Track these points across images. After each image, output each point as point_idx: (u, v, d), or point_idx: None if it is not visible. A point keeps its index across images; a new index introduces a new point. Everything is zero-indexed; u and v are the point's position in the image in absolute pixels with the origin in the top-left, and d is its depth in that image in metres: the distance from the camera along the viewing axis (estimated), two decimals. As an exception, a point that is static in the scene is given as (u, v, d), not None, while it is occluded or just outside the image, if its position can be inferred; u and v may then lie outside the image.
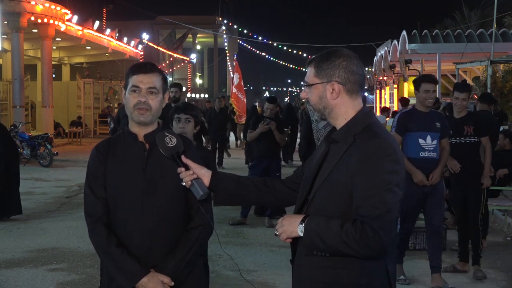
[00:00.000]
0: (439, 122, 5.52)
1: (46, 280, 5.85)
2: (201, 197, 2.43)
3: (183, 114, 4.14)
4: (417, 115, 5.52)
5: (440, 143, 5.52)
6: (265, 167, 8.45)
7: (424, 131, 5.44)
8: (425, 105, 5.49)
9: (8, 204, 8.60)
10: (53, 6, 20.66)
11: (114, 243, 2.61)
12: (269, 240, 7.48)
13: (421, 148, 5.44)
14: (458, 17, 31.55)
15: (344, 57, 2.29)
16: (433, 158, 5.46)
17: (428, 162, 5.44)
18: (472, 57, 15.42)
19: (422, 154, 5.44)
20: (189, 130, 4.14)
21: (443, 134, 5.55)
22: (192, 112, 4.19)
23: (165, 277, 2.61)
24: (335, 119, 2.32)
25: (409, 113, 5.67)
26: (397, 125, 5.56)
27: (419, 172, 5.38)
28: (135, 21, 42.08)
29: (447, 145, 5.61)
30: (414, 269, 6.27)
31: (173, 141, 2.50)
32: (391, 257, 4.83)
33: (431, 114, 5.58)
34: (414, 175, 5.37)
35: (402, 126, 5.51)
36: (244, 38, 46.99)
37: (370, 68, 29.63)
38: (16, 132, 15.72)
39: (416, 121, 5.47)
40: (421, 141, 5.44)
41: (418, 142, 5.43)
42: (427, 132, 5.44)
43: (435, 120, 5.52)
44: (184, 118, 4.14)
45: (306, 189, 2.34)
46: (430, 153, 5.45)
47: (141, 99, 2.63)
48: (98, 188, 2.67)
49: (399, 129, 5.53)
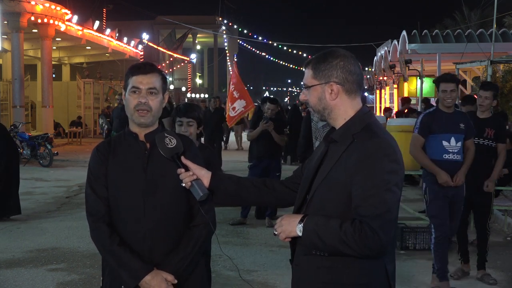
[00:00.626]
0: (464, 123, 5.37)
1: (46, 280, 5.85)
2: (201, 198, 2.43)
3: (185, 118, 4.11)
4: (440, 116, 5.39)
5: (465, 144, 5.39)
6: (264, 167, 8.46)
7: (447, 132, 5.32)
8: (444, 105, 5.36)
9: (8, 204, 8.61)
10: (53, 6, 20.67)
11: (116, 241, 2.62)
12: (269, 240, 7.48)
13: (444, 150, 5.31)
14: (458, 17, 31.56)
15: (341, 57, 2.29)
16: (457, 160, 5.33)
17: (452, 164, 5.31)
18: (472, 57, 15.41)
19: (446, 156, 5.31)
20: (192, 132, 4.12)
21: (468, 135, 5.41)
22: (193, 114, 4.13)
23: (168, 274, 2.61)
24: (335, 119, 2.32)
25: (432, 114, 5.49)
26: (420, 127, 5.42)
27: (444, 172, 5.27)
28: (135, 21, 42.09)
29: (472, 145, 5.47)
30: (414, 269, 6.27)
31: (172, 142, 2.50)
32: (391, 257, 4.78)
33: (455, 114, 5.43)
34: (438, 175, 5.27)
35: (426, 127, 5.38)
36: (244, 38, 47.00)
37: (370, 68, 29.59)
38: (16, 132, 15.72)
39: (440, 122, 5.34)
40: (444, 143, 5.31)
41: (442, 144, 5.31)
42: (451, 134, 5.31)
43: (459, 121, 5.37)
44: (186, 122, 4.10)
45: (305, 188, 2.34)
46: (454, 155, 5.32)
47: (141, 100, 2.63)
48: (99, 188, 2.67)
49: (423, 130, 5.40)
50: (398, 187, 2.18)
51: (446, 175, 5.27)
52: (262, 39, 41.04)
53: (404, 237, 7.03)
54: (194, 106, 4.34)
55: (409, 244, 7.05)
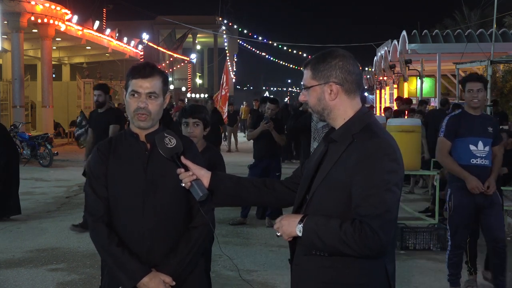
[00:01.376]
0: (492, 126, 5.12)
1: (46, 280, 5.85)
2: (201, 198, 2.43)
3: (191, 119, 4.05)
4: (467, 119, 5.11)
5: (492, 150, 5.12)
6: (264, 167, 8.47)
7: (475, 136, 5.05)
8: (471, 106, 5.10)
9: (8, 204, 8.61)
10: (53, 6, 20.66)
11: (115, 242, 2.62)
12: (269, 240, 7.48)
13: (472, 155, 5.04)
14: (458, 17, 31.56)
15: (340, 57, 2.29)
16: (485, 165, 5.05)
17: (480, 169, 5.03)
18: (472, 57, 15.41)
19: (474, 161, 5.04)
20: (198, 133, 4.05)
21: (496, 140, 5.15)
22: (199, 115, 4.06)
23: (166, 276, 2.61)
24: (334, 119, 2.32)
25: (457, 117, 5.21)
26: (446, 130, 5.17)
27: (474, 178, 4.98)
28: (135, 21, 42.06)
29: (500, 152, 5.21)
30: (414, 269, 6.27)
31: (172, 142, 2.49)
32: (390, 257, 4.76)
33: (483, 117, 5.17)
34: (467, 181, 4.99)
35: (452, 131, 5.12)
36: (244, 38, 46.96)
37: (370, 68, 29.61)
38: (16, 132, 15.72)
39: (467, 125, 5.08)
40: (472, 147, 5.04)
41: (469, 148, 5.05)
42: (479, 138, 5.04)
43: (487, 124, 5.11)
44: (192, 122, 4.04)
45: (304, 188, 2.34)
46: (483, 160, 5.05)
47: (140, 104, 2.62)
48: (99, 188, 2.67)
49: (449, 134, 5.14)
50: (398, 187, 2.18)
51: (476, 180, 4.99)
52: (262, 39, 41.02)
53: (404, 237, 7.03)
54: (201, 107, 4.25)
55: (409, 244, 7.05)
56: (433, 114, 11.83)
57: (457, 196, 5.16)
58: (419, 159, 7.61)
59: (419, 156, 7.57)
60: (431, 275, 6.05)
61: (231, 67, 52.11)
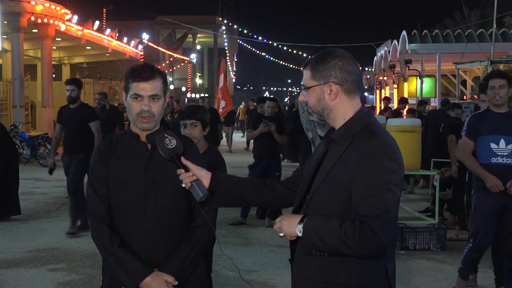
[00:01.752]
0: None
1: (46, 280, 5.85)
2: (201, 199, 2.43)
3: (188, 120, 4.05)
4: (490, 117, 4.96)
5: None
6: (264, 167, 8.47)
7: (496, 134, 4.87)
8: (494, 103, 4.93)
9: (7, 204, 8.61)
10: (53, 6, 20.66)
11: (117, 242, 2.62)
12: (269, 240, 7.48)
13: (492, 153, 4.87)
14: (458, 17, 31.55)
15: (339, 57, 2.29)
16: (507, 164, 4.84)
17: (502, 169, 4.83)
18: (472, 57, 15.42)
19: (494, 160, 4.87)
20: (197, 134, 4.04)
21: None
22: (196, 115, 4.06)
23: (169, 276, 2.61)
24: (334, 120, 2.32)
25: (479, 116, 5.09)
26: (467, 129, 5.06)
27: (492, 176, 4.82)
28: (135, 21, 42.06)
29: None
30: (414, 269, 6.27)
31: (172, 143, 2.50)
32: (390, 257, 4.72)
33: (508, 115, 4.96)
34: (486, 180, 4.85)
35: (473, 130, 5.00)
36: (244, 38, 46.95)
37: (370, 68, 29.61)
38: (16, 132, 15.73)
39: (488, 123, 4.93)
40: (492, 145, 4.87)
41: (490, 147, 4.87)
42: (500, 135, 4.86)
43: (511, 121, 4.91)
44: (189, 124, 4.04)
45: (304, 188, 2.34)
46: (504, 158, 4.84)
47: (144, 108, 2.62)
48: (100, 188, 2.67)
49: (470, 133, 5.03)
50: (398, 187, 2.18)
51: (495, 179, 4.81)
52: (262, 39, 41.01)
53: (404, 237, 7.03)
54: (198, 107, 4.24)
55: (409, 244, 7.06)
56: (433, 114, 11.84)
57: (478, 196, 5.06)
58: (419, 159, 7.61)
59: (419, 156, 7.57)
60: (431, 275, 6.06)
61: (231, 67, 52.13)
